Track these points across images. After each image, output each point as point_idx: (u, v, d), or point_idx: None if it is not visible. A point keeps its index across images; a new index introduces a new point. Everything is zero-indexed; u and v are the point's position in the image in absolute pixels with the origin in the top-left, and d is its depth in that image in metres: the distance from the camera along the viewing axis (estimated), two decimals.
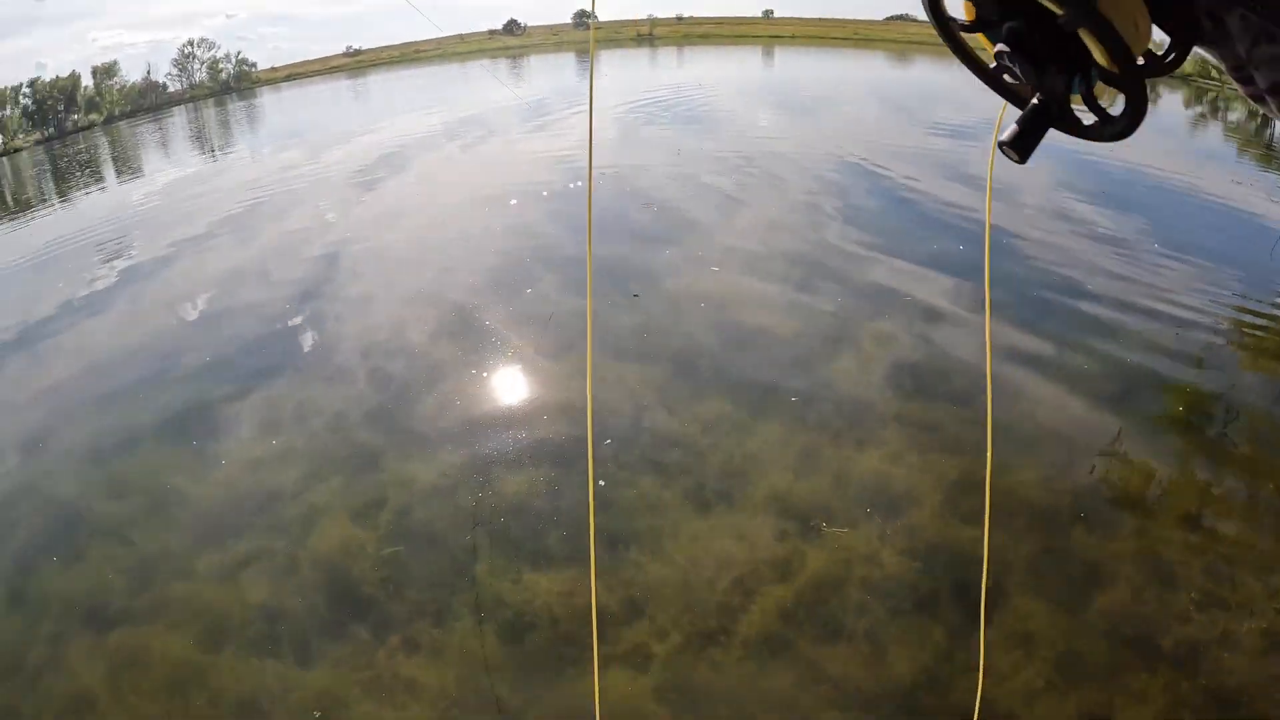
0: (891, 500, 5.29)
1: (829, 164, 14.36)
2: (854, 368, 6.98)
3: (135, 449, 7.14)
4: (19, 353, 10.34)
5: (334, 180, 17.23)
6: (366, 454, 6.37)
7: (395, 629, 4.68)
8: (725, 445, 5.98)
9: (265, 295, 10.35)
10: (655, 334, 7.76)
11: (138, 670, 4.74)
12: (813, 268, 9.15)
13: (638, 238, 10.58)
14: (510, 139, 20.33)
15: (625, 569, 4.90)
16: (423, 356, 7.90)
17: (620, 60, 47.57)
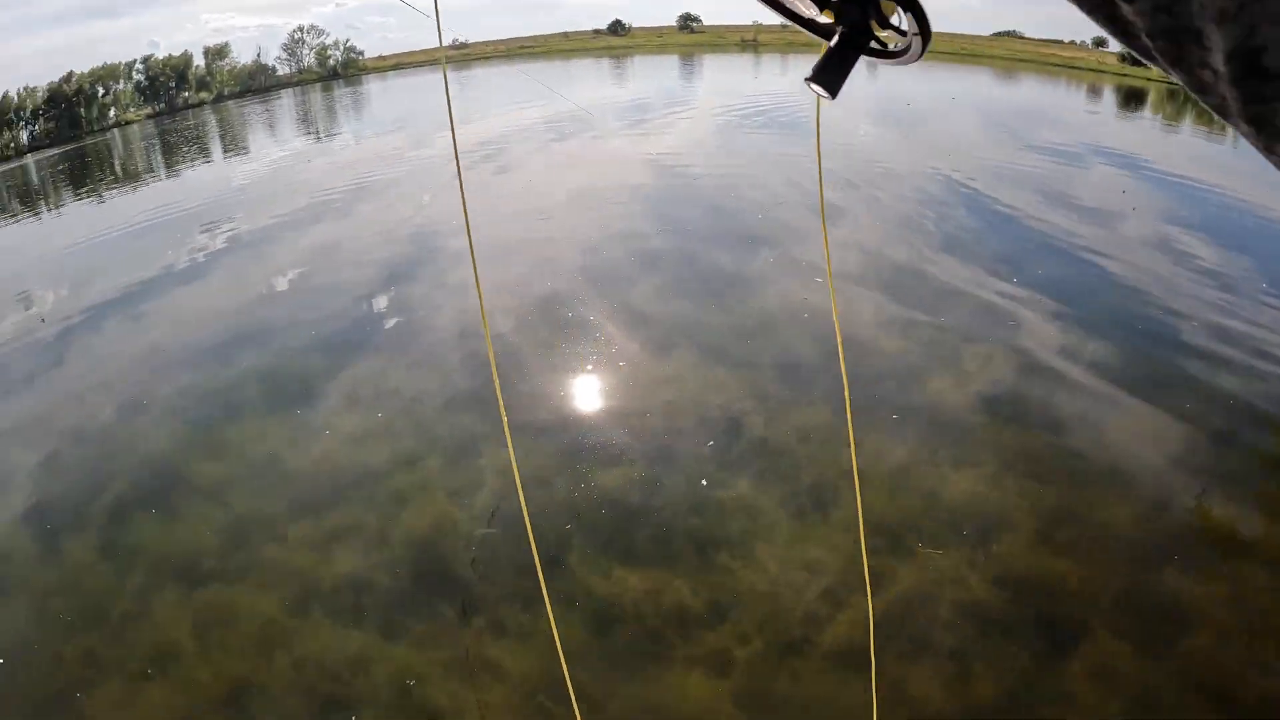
0: (984, 524, 5.14)
1: (927, 180, 14.06)
2: (952, 388, 6.80)
3: (235, 414, 7.48)
4: (122, 313, 10.97)
5: (433, 168, 17.68)
6: (465, 437, 6.49)
7: (483, 611, 4.73)
8: (822, 456, 5.88)
9: (363, 275, 10.70)
10: (757, 339, 7.68)
11: (224, 628, 4.92)
12: (910, 285, 8.96)
13: (735, 242, 10.52)
14: (609, 137, 20.52)
15: (714, 572, 4.88)
16: (517, 345, 7.99)
17: (723, 65, 47.66)
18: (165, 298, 11.47)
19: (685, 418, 6.54)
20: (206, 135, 37.99)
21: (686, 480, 5.74)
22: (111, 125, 53.08)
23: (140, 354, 9.32)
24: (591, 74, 45.01)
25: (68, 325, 10.94)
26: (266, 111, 44.70)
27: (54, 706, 4.51)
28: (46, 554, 5.89)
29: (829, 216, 11.62)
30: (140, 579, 5.43)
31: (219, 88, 59.93)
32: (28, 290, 13.76)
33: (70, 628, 5.06)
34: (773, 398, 6.71)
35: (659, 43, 64.52)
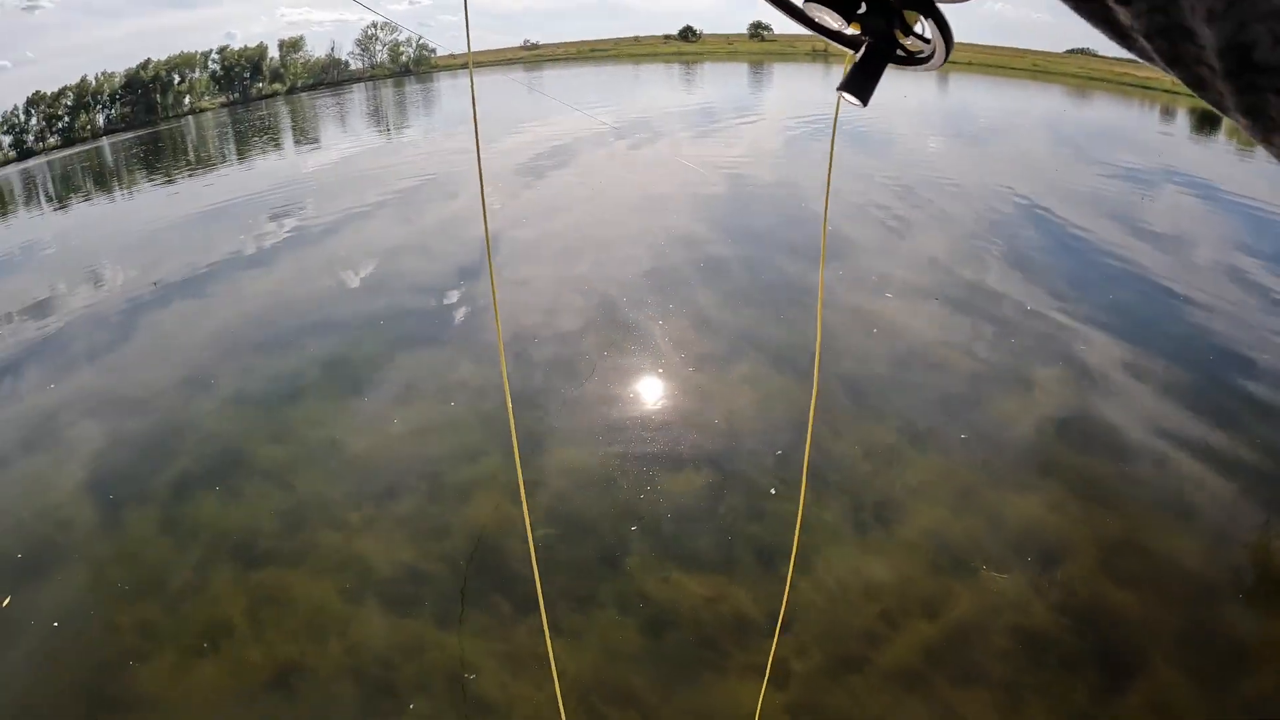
0: (1046, 550, 5.01)
1: (996, 199, 13.79)
2: (1018, 409, 6.64)
3: (299, 398, 7.63)
4: (190, 295, 11.32)
5: (502, 167, 17.88)
6: (527, 434, 6.47)
7: (538, 608, 4.68)
8: (887, 472, 5.80)
9: (429, 270, 10.87)
10: (825, 351, 7.59)
11: (279, 608, 4.98)
12: (977, 302, 8.79)
13: (801, 253, 10.45)
14: (677, 143, 20.59)
15: (775, 582, 4.80)
16: (581, 344, 8.01)
17: (793, 74, 47.59)
18: (233, 281, 11.80)
19: (749, 426, 6.48)
20: (278, 126, 39.04)
21: (748, 489, 5.68)
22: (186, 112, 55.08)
23: (207, 334, 9.57)
24: (661, 79, 45.27)
25: (137, 302, 11.31)
26: (338, 105, 45.84)
27: (106, 675, 4.60)
28: (108, 524, 6.05)
29: (898, 232, 11.51)
30: (198, 555, 5.54)
31: (292, 80, 61.80)
32: (98, 268, 14.31)
33: (126, 598, 5.18)
34: (837, 411, 6.62)
35: (729, 50, 64.76)
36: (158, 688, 4.46)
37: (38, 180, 35.23)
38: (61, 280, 14.08)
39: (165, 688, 4.46)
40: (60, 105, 52.64)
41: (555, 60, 63.62)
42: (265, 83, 61.13)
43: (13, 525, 6.27)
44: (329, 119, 39.78)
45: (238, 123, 42.35)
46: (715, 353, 7.79)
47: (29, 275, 15.69)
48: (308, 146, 30.58)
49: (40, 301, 12.74)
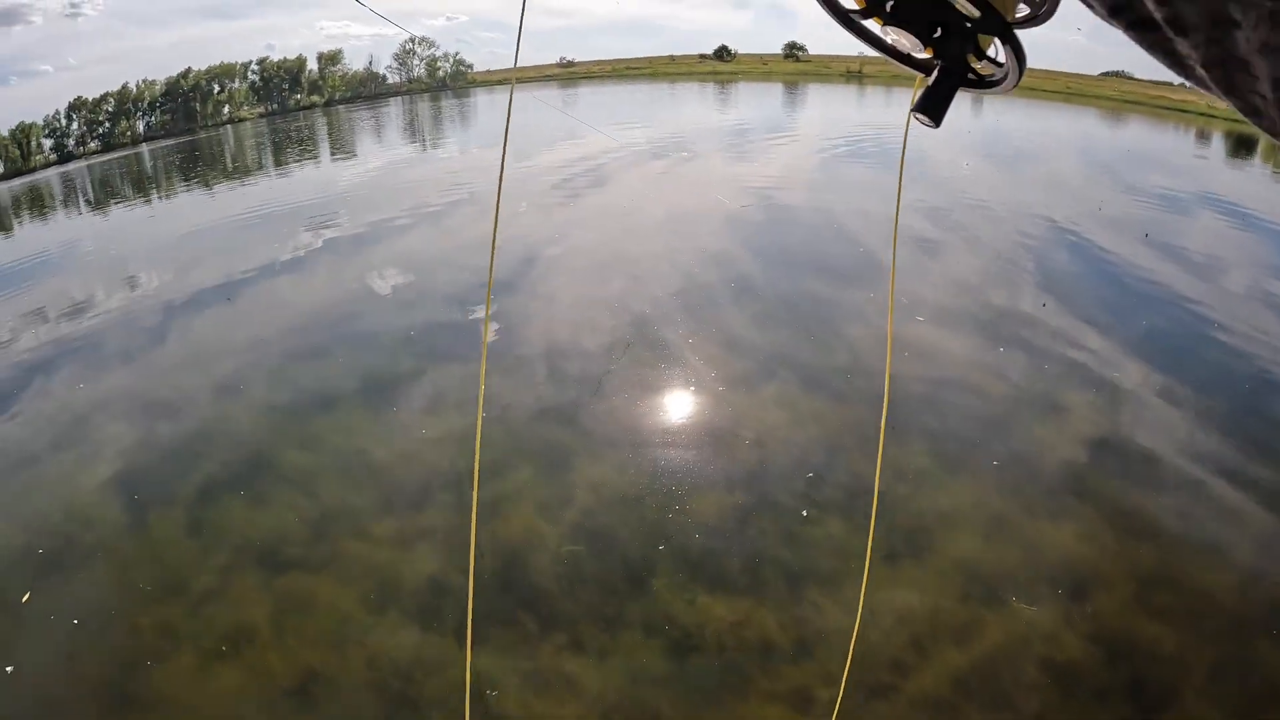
0: (1079, 581, 4.92)
1: (1028, 220, 13.67)
2: (1052, 437, 6.54)
3: (328, 406, 7.70)
4: (224, 302, 11.43)
5: (536, 183, 18.02)
6: (555, 450, 6.50)
7: (563, 626, 4.70)
8: (918, 499, 5.72)
9: (458, 281, 10.98)
10: (857, 375, 7.54)
11: (302, 616, 5.00)
12: (1010, 328, 8.70)
13: (835, 277, 10.39)
14: (712, 163, 20.67)
15: (802, 607, 4.77)
16: (611, 363, 7.98)
17: (827, 95, 47.68)
18: (266, 289, 11.99)
19: (779, 447, 6.44)
20: (315, 137, 39.64)
21: (778, 511, 5.63)
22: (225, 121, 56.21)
23: (239, 341, 9.70)
24: (695, 98, 45.49)
25: (172, 308, 11.49)
26: (375, 118, 46.49)
27: (125, 674, 4.64)
28: (133, 525, 6.12)
29: (927, 252, 11.42)
30: (222, 559, 5.58)
31: (330, 92, 62.89)
32: (134, 271, 14.56)
33: (149, 598, 5.22)
34: (869, 434, 6.55)
35: (763, 70, 65.00)
36: (177, 689, 4.48)
37: (77, 184, 35.99)
38: (98, 282, 14.33)
39: (185, 689, 4.48)
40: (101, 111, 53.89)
41: (591, 78, 64.19)
42: (303, 94, 62.23)
43: (38, 522, 6.35)
44: (365, 131, 40.36)
45: (276, 133, 43.03)
46: (745, 372, 7.76)
47: (66, 276, 16.01)
48: (344, 158, 30.99)
49: (76, 302, 12.97)
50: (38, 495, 6.84)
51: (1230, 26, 0.60)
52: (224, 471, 6.74)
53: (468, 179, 20.04)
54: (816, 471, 6.07)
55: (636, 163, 21.09)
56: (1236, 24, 0.60)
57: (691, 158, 21.64)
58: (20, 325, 12.33)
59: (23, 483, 7.11)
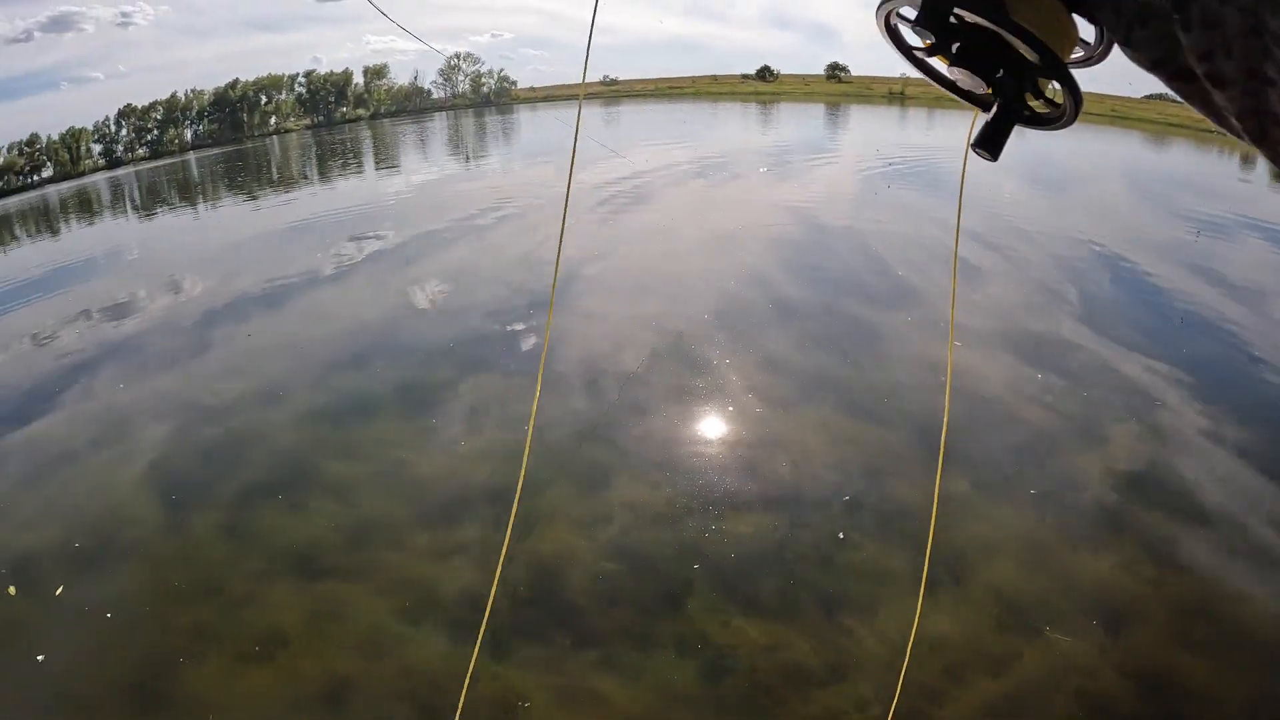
0: (1116, 612, 4.83)
1: (1070, 245, 13.47)
2: (1092, 465, 6.42)
3: (368, 417, 7.81)
4: (266, 309, 11.74)
5: (579, 200, 18.14)
6: (594, 469, 6.53)
7: (596, 644, 4.69)
8: (957, 526, 5.64)
9: (500, 296, 11.08)
10: (895, 399, 7.48)
11: (335, 623, 5.05)
12: (1050, 353, 8.56)
13: (876, 299, 10.33)
14: (753, 183, 20.70)
15: (835, 632, 4.74)
16: (649, 382, 8.02)
17: (869, 116, 47.62)
18: (309, 298, 12.25)
19: (816, 471, 6.41)
20: (360, 149, 40.31)
21: (814, 535, 5.60)
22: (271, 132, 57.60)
23: (281, 348, 9.92)
24: (738, 118, 45.66)
25: (216, 314, 11.75)
26: (419, 132, 47.23)
27: (155, 671, 4.73)
28: (171, 526, 6.25)
29: (967, 276, 11.29)
30: (258, 563, 5.67)
31: (375, 105, 64.24)
32: (179, 276, 14.90)
33: (183, 598, 5.32)
34: (908, 459, 6.50)
35: (805, 91, 65.24)
36: (207, 689, 4.55)
37: (125, 189, 36.87)
38: (142, 285, 14.69)
39: (215, 690, 4.54)
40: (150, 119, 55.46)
41: (634, 96, 64.78)
42: (349, 107, 63.47)
43: (76, 519, 6.51)
44: (410, 145, 40.98)
45: (321, 144, 43.84)
46: (784, 394, 7.74)
47: (112, 278, 16.44)
48: (388, 170, 31.49)
49: (120, 304, 13.31)
50: (76, 492, 7.03)
51: (1265, 83, 0.66)
52: (263, 477, 6.86)
53: (511, 194, 20.25)
54: (853, 495, 6.03)
55: (678, 182, 21.20)
56: (1272, 82, 0.66)
57: (733, 177, 21.71)
58: (65, 325, 12.65)
59: (62, 479, 7.29)
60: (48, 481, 7.28)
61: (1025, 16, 0.81)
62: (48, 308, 14.68)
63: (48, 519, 6.61)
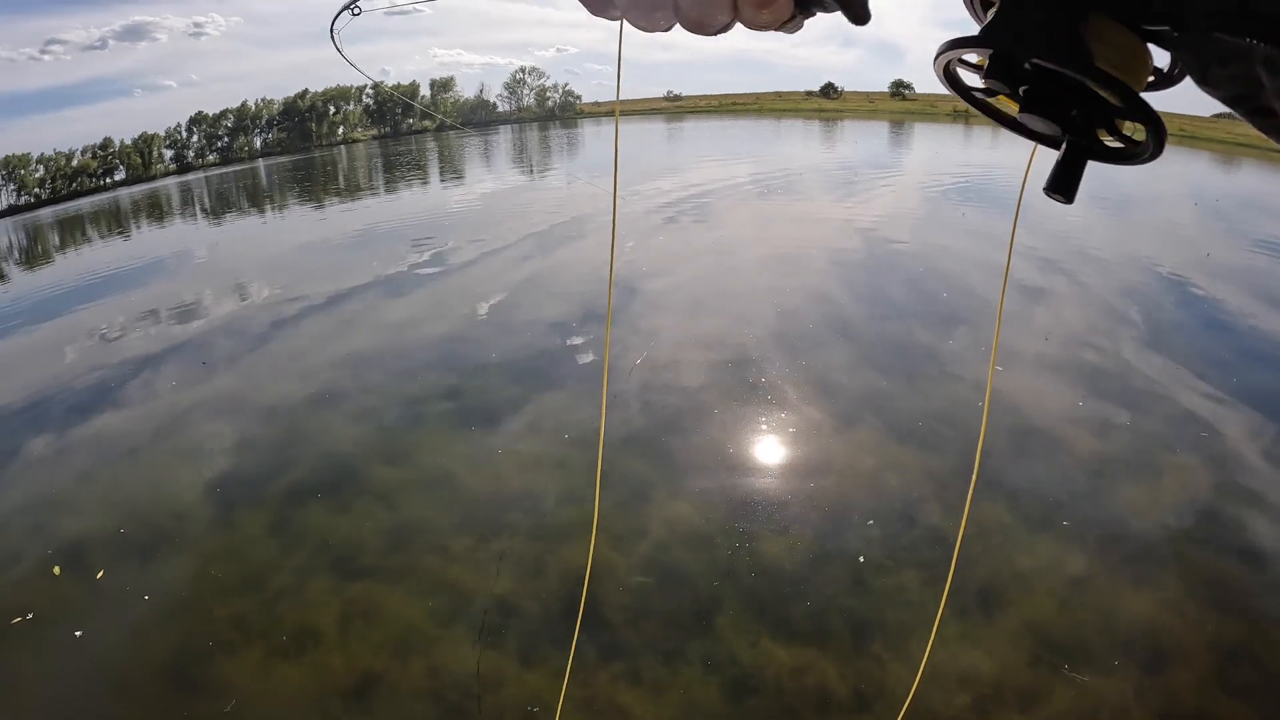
0: (1156, 652, 4.71)
1: (1135, 268, 13.14)
2: (1142, 498, 6.26)
3: (417, 424, 8.07)
4: (327, 315, 12.17)
5: (639, 214, 18.39)
6: (635, 483, 6.62)
7: (623, 656, 4.77)
8: (994, 555, 5.58)
9: (559, 310, 11.29)
10: (942, 422, 7.43)
11: (369, 623, 5.22)
12: (1108, 381, 8.36)
13: (936, 321, 10.23)
14: (815, 201, 20.68)
15: (864, 659, 4.71)
16: (701, 400, 8.11)
17: (933, 135, 47.18)
18: (369, 306, 12.69)
19: (858, 495, 6.40)
20: (426, 161, 41.17)
21: (852, 560, 5.60)
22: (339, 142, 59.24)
23: (338, 354, 10.29)
24: (800, 134, 45.60)
25: (278, 318, 12.21)
26: (484, 144, 48.05)
27: (194, 658, 4.98)
28: (220, 522, 6.56)
29: (1029, 299, 11.13)
30: (300, 561, 5.90)
31: (441, 118, 65.46)
32: (244, 280, 15.48)
33: (226, 591, 5.58)
34: (952, 488, 6.45)
35: (869, 108, 65.12)
36: (241, 678, 4.76)
37: (194, 194, 38.13)
38: (209, 288, 15.29)
39: (248, 680, 4.75)
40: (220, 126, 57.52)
41: (697, 112, 65.15)
42: (415, 119, 64.89)
43: (126, 508, 6.92)
44: (474, 157, 41.75)
45: (387, 155, 44.89)
46: (834, 415, 7.73)
47: (179, 280, 17.13)
48: (452, 182, 32.16)
49: (185, 305, 13.87)
50: (131, 484, 7.42)
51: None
52: (311, 478, 7.13)
53: (575, 208, 20.58)
54: (892, 520, 6.02)
55: (740, 198, 21.31)
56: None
57: (795, 194, 21.74)
58: (131, 324, 13.22)
59: (117, 470, 7.74)
60: (103, 472, 7.72)
61: (1108, 60, 0.76)
62: (116, 306, 15.39)
63: (100, 507, 7.02)
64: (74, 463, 8.01)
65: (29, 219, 47.57)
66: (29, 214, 51.60)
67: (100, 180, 53.41)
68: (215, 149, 56.87)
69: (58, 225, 38.51)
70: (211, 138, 57.28)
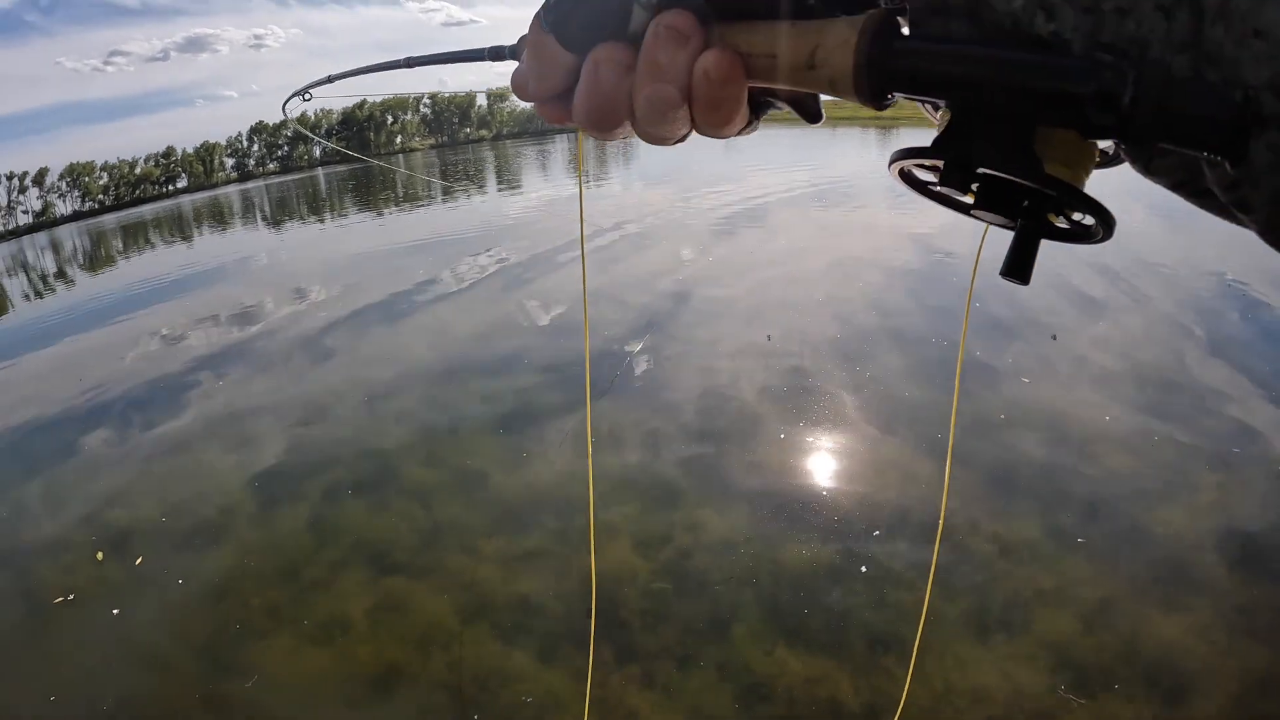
0: (1181, 678, 4.64)
1: (1200, 278, 12.67)
2: (1182, 518, 6.12)
3: (459, 428, 8.35)
4: (381, 319, 12.76)
5: (696, 223, 18.61)
6: (667, 489, 6.76)
7: (638, 659, 4.89)
8: (1021, 574, 5.55)
9: (611, 317, 11.46)
10: (977, 436, 7.36)
11: (397, 616, 5.47)
12: (1160, 395, 8.13)
13: (995, 331, 10.05)
14: (875, 209, 20.50)
15: (877, 675, 4.74)
16: (747, 410, 8.18)
17: None
18: (424, 311, 13.16)
19: (889, 509, 6.38)
20: (483, 170, 41.89)
21: (872, 573, 5.65)
22: (397, 150, 60.53)
23: (389, 357, 10.73)
24: (857, 142, 45.23)
25: (333, 321, 12.70)
26: (540, 153, 48.67)
27: (228, 642, 5.33)
28: (261, 516, 6.95)
29: (1087, 310, 10.93)
30: (335, 555, 6.20)
31: (498, 127, 66.59)
32: (303, 285, 16.05)
33: (263, 581, 5.93)
34: (981, 502, 6.43)
35: (926, 115, 64.27)
36: (271, 662, 5.07)
37: (255, 201, 39.25)
38: (268, 292, 15.88)
39: (277, 664, 5.05)
40: (280, 135, 59.20)
41: None
42: (472, 128, 66.04)
43: (170, 499, 7.41)
44: (531, 166, 42.34)
45: (445, 164, 45.71)
46: (880, 428, 7.71)
47: (239, 284, 17.79)
48: (509, 191, 32.69)
49: (246, 308, 14.44)
50: (177, 476, 7.93)
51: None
52: (351, 477, 7.46)
53: (630, 215, 20.78)
54: (923, 535, 6.03)
55: (798, 206, 21.31)
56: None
57: (853, 203, 21.64)
58: (191, 325, 13.81)
59: (169, 466, 8.23)
60: (155, 465, 8.25)
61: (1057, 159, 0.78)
62: (178, 308, 16.06)
63: (148, 499, 7.50)
64: (133, 456, 8.55)
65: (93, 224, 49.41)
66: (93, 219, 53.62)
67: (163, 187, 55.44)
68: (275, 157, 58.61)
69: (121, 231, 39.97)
70: (272, 147, 59.06)
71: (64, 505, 7.66)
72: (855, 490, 6.74)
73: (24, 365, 14.54)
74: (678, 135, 0.70)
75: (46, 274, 34.08)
